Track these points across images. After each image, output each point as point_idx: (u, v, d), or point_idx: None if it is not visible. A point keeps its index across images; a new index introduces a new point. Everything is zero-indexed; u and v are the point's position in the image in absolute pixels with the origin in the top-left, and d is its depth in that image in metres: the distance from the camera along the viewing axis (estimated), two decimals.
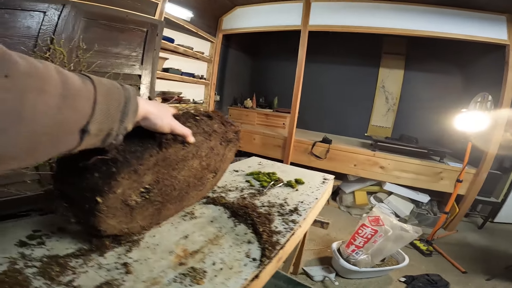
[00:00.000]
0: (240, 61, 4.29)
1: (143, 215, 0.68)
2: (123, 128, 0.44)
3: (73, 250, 0.61)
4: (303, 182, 1.24)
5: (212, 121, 0.70)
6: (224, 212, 0.88)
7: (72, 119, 0.35)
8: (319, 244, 2.22)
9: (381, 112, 3.70)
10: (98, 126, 0.39)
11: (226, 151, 0.83)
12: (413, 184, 2.75)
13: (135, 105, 0.45)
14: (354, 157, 2.94)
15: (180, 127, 0.57)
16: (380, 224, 1.73)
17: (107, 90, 0.40)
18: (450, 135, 2.70)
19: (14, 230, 0.65)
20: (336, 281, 1.75)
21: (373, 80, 3.70)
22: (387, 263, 1.89)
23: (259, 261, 0.64)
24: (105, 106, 0.39)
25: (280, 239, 0.73)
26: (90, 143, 0.40)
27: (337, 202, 3.07)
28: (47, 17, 1.34)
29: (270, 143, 3.33)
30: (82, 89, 0.36)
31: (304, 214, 0.90)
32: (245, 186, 1.14)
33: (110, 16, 1.64)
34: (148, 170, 0.55)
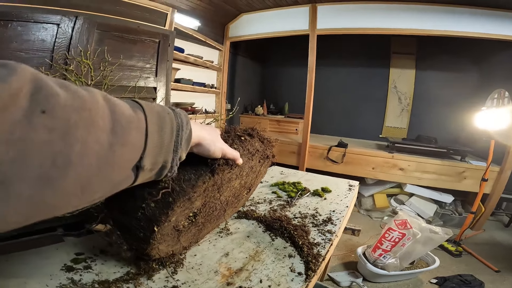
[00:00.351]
0: (248, 68, 4.29)
1: (187, 236, 0.69)
2: (178, 159, 0.40)
3: (121, 274, 0.61)
4: (330, 190, 1.23)
5: (253, 140, 0.70)
6: (258, 226, 0.88)
7: (125, 156, 0.30)
8: (342, 249, 2.19)
9: (395, 113, 3.63)
10: (152, 160, 0.34)
11: (262, 167, 0.84)
12: (435, 184, 2.69)
13: (188, 132, 0.41)
14: (372, 160, 2.90)
15: (231, 151, 0.55)
16: (407, 227, 1.70)
17: (159, 118, 0.35)
18: (470, 134, 2.65)
19: (58, 254, 0.66)
20: (364, 286, 1.72)
21: (384, 81, 3.65)
22: (416, 266, 1.85)
23: (305, 275, 0.64)
24: (158, 136, 0.34)
25: (321, 250, 0.73)
26: (145, 178, 0.36)
27: (356, 206, 3.03)
28: (61, 30, 1.31)
29: (285, 150, 3.31)
30: (133, 119, 0.31)
31: (338, 223, 0.89)
32: (273, 197, 1.14)
33: (122, 27, 1.63)
34: (199, 196, 0.56)
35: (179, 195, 0.50)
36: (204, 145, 0.48)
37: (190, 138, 0.42)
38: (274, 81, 4.52)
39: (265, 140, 0.75)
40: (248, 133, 0.70)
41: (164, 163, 0.37)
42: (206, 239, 0.81)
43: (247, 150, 0.64)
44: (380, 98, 3.69)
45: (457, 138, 3.11)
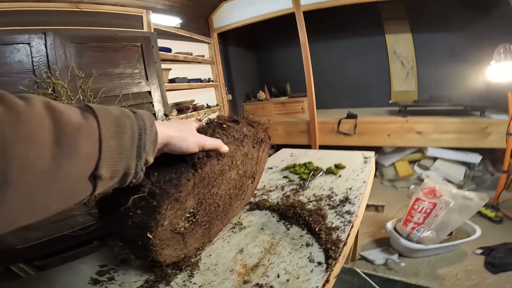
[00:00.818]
0: (242, 57, 4.21)
1: (195, 237, 0.65)
2: (142, 164, 0.37)
3: (141, 282, 0.61)
4: (344, 166, 1.16)
5: (240, 126, 0.65)
6: (272, 216, 0.84)
7: (74, 168, 0.28)
8: (370, 225, 2.08)
9: (401, 77, 3.48)
10: (111, 168, 0.32)
11: (260, 152, 0.79)
12: (458, 144, 2.52)
13: (153, 134, 0.38)
14: (386, 127, 2.76)
15: (210, 141, 0.52)
16: (437, 195, 1.56)
17: (116, 123, 0.33)
18: (484, 88, 2.51)
19: (83, 268, 0.69)
20: (401, 262, 1.62)
21: (382, 47, 3.50)
22: (456, 237, 1.70)
23: (325, 264, 0.59)
24: (115, 142, 0.32)
25: (340, 235, 0.67)
26: (106, 186, 0.34)
27: (378, 177, 2.92)
28: (33, 48, 1.29)
29: (294, 130, 3.24)
30: (82, 127, 0.29)
31: (357, 202, 0.83)
32: (285, 182, 1.09)
33: (98, 37, 1.60)
34: (188, 195, 0.52)
35: (163, 198, 0.47)
36: (174, 143, 0.45)
37: (157, 140, 0.39)
38: (271, 64, 4.42)
39: (254, 123, 0.69)
40: (232, 119, 0.64)
41: (126, 170, 0.35)
42: (220, 237, 0.78)
43: (232, 137, 0.59)
44: (382, 65, 3.53)
45: (471, 94, 2.92)
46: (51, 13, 1.52)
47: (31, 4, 1.42)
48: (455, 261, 1.62)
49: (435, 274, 1.53)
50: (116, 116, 0.34)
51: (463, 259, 1.63)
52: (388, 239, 1.82)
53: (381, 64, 3.53)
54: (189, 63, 3.00)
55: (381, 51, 3.51)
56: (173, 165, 0.50)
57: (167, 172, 0.49)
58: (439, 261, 1.63)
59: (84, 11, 1.66)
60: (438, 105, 2.71)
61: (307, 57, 2.83)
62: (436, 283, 1.46)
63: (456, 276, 1.50)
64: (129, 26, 1.94)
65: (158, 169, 0.49)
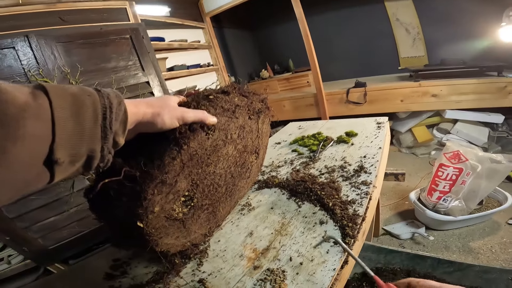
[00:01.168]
0: (239, 38, 4.07)
1: (198, 223, 0.61)
2: (110, 145, 0.33)
3: (152, 274, 0.60)
4: (356, 134, 1.07)
5: (230, 96, 0.58)
6: (282, 193, 0.78)
7: (23, 152, 0.25)
8: (391, 197, 1.93)
9: (408, 43, 3.31)
10: (70, 151, 0.29)
11: (260, 124, 0.71)
12: (478, 105, 2.35)
13: (121, 114, 0.34)
14: (398, 92, 2.60)
15: (192, 113, 0.46)
16: (462, 159, 1.41)
17: (73, 102, 0.29)
18: (497, 49, 2.39)
19: (98, 263, 0.70)
20: (430, 236, 1.48)
21: (383, 16, 3.31)
22: (486, 206, 1.55)
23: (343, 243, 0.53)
24: (73, 123, 0.29)
25: (357, 209, 0.61)
26: (68, 173, 0.31)
27: (396, 145, 2.78)
28: (19, 52, 1.30)
29: (302, 105, 3.13)
30: (29, 107, 0.25)
31: (373, 171, 0.75)
32: (294, 156, 1.02)
33: (84, 34, 1.57)
34: (177, 176, 0.46)
35: (146, 181, 0.41)
36: (149, 121, 0.40)
37: (126, 119, 0.35)
38: (270, 42, 4.26)
39: (248, 93, 0.61)
40: (221, 91, 0.56)
41: (90, 153, 0.31)
42: (229, 220, 0.74)
43: (221, 108, 0.51)
44: (386, 33, 3.34)
45: (485, 55, 2.72)
46: (31, 15, 1.48)
47: (9, 9, 1.40)
48: (488, 233, 1.48)
49: (467, 248, 1.41)
50: (74, 94, 0.30)
51: (497, 231, 1.48)
52: (413, 211, 1.70)
53: (384, 32, 3.37)
54: (185, 50, 2.94)
55: (382, 20, 3.34)
56: (154, 145, 0.44)
57: (149, 153, 0.43)
58: (471, 233, 1.49)
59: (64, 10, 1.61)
60: (452, 67, 2.53)
61: (305, 31, 2.69)
62: (470, 257, 1.35)
63: (491, 249, 1.38)
64: (115, 19, 1.88)
65: (138, 151, 0.43)
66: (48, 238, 1.40)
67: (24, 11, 1.46)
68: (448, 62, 2.68)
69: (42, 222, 1.36)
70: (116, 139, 0.34)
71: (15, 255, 1.43)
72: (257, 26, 4.29)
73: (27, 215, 1.30)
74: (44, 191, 1.31)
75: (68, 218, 1.43)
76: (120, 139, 0.35)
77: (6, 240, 1.29)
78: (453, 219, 1.47)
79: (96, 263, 0.71)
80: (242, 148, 0.64)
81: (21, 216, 1.29)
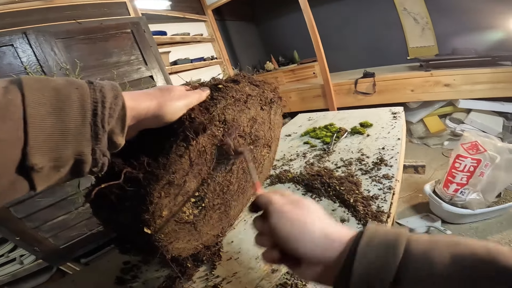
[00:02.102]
0: (242, 30, 3.99)
1: (210, 224, 0.57)
2: (104, 147, 0.28)
3: (163, 278, 0.58)
4: (371, 124, 1.02)
5: (240, 85, 0.53)
6: (296, 189, 0.73)
7: None
8: (405, 189, 1.85)
9: (416, 33, 3.20)
10: (49, 155, 0.24)
11: (272, 115, 0.66)
12: (493, 95, 2.28)
13: (118, 109, 0.29)
14: (408, 82, 2.53)
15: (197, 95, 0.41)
16: (480, 150, 1.34)
17: (55, 95, 0.25)
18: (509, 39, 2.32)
19: (108, 266, 0.69)
20: (447, 230, 1.44)
21: (390, 6, 3.20)
22: (504, 199, 1.47)
23: None
24: (53, 121, 0.24)
25: (381, 205, 0.56)
26: (54, 179, 0.26)
27: (407, 136, 2.70)
28: (18, 49, 1.27)
29: (309, 96, 3.07)
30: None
31: (395, 163, 0.70)
32: (306, 149, 0.97)
33: (84, 29, 1.54)
34: (186, 175, 0.42)
35: (151, 183, 0.36)
36: (154, 115, 0.34)
37: (125, 115, 0.30)
38: (274, 34, 4.17)
39: (259, 82, 0.56)
40: (231, 80, 0.51)
41: (77, 156, 0.26)
42: (241, 219, 0.70)
43: (232, 97, 0.46)
44: (393, 22, 3.24)
45: (496, 45, 2.62)
46: (29, 12, 1.46)
47: (6, 6, 1.40)
48: (506, 226, 1.42)
49: None
50: (56, 87, 0.25)
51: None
52: (427, 204, 1.64)
53: (391, 22, 3.27)
54: (188, 44, 2.90)
55: (389, 9, 3.24)
56: (159, 141, 0.39)
57: (152, 151, 0.38)
58: (488, 227, 1.44)
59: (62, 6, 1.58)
60: (464, 57, 2.44)
61: (311, 22, 2.61)
62: None
63: (509, 243, 1.33)
64: (114, 14, 1.85)
65: (141, 148, 0.38)
66: (59, 237, 1.40)
67: (22, 8, 1.44)
68: (460, 52, 2.59)
69: (52, 222, 1.36)
70: (113, 139, 0.29)
71: (27, 255, 1.43)
72: (260, 18, 4.20)
73: (35, 215, 1.30)
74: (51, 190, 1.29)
75: (78, 216, 1.42)
76: (119, 139, 0.30)
77: (16, 240, 1.28)
78: (470, 212, 1.41)
79: (106, 266, 0.69)
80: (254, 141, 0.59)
81: (30, 216, 1.28)
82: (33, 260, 1.42)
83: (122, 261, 0.68)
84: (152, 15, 2.36)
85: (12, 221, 1.23)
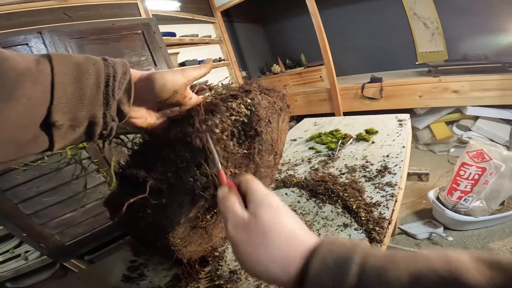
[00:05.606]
0: (250, 32, 4.01)
1: (219, 227, 0.59)
2: (114, 113, 0.33)
3: (169, 277, 0.59)
4: (377, 131, 1.03)
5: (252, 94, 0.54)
6: (301, 194, 0.75)
7: (16, 112, 0.26)
8: (409, 195, 1.86)
9: (426, 38, 3.16)
10: (69, 114, 0.29)
11: (280, 123, 0.68)
12: (501, 102, 2.25)
13: (125, 83, 0.34)
14: (416, 88, 2.51)
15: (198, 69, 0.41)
16: (486, 158, 1.35)
17: (76, 69, 0.30)
18: None
19: (116, 264, 0.70)
20: (449, 236, 1.44)
21: (399, 10, 3.17)
22: (508, 207, 1.48)
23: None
24: (74, 88, 0.30)
25: (383, 212, 0.57)
26: (70, 138, 0.31)
27: (413, 142, 2.68)
28: (33, 48, 1.32)
29: (315, 99, 3.07)
30: (28, 72, 0.26)
31: (398, 171, 0.71)
32: (311, 154, 0.99)
33: (96, 29, 1.58)
34: None
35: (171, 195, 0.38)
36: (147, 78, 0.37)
37: (131, 88, 0.35)
38: (282, 36, 4.17)
39: (269, 91, 0.58)
40: (244, 90, 0.52)
41: (91, 119, 0.31)
42: None
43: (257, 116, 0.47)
44: (402, 27, 3.21)
45: (507, 51, 2.57)
46: (43, 11, 1.49)
47: (21, 5, 1.42)
48: (508, 234, 1.43)
49: (487, 249, 1.37)
50: (78, 62, 0.31)
51: None
52: (430, 211, 1.65)
53: (401, 26, 3.24)
54: (196, 45, 2.93)
55: (399, 13, 3.22)
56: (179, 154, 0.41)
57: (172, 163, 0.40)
58: (490, 234, 1.44)
59: (76, 6, 1.61)
60: (474, 63, 2.41)
61: (319, 25, 2.61)
62: None
63: (510, 250, 1.34)
64: (126, 15, 1.88)
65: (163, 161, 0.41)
66: (64, 234, 1.43)
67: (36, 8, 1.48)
68: (470, 58, 2.56)
69: (59, 219, 1.39)
70: (121, 107, 0.34)
71: (32, 251, 1.46)
72: (268, 20, 4.21)
73: (43, 211, 1.33)
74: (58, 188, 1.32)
75: (84, 214, 1.45)
76: (126, 108, 0.35)
77: (23, 236, 1.32)
78: (473, 219, 1.42)
79: (113, 264, 0.70)
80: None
81: (38, 212, 1.31)
82: (37, 256, 1.45)
83: (128, 259, 0.69)
84: (162, 16, 2.39)
85: (20, 217, 1.26)
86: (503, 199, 1.44)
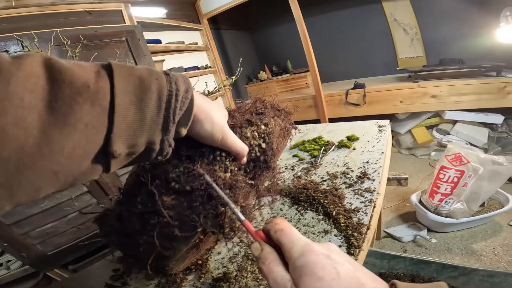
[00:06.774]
0: (237, 39, 4.05)
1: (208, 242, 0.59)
2: (171, 138, 0.29)
3: (153, 286, 0.59)
4: (358, 138, 1.06)
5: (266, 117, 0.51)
6: (283, 202, 0.76)
7: (70, 143, 0.21)
8: (392, 199, 1.92)
9: (406, 44, 3.29)
10: (128, 142, 0.25)
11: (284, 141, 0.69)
12: (478, 106, 2.36)
13: (187, 102, 0.29)
14: (397, 93, 2.60)
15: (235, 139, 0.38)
16: (464, 162, 1.40)
17: (139, 85, 0.25)
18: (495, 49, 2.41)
19: (99, 272, 0.69)
20: (432, 238, 1.48)
21: (381, 16, 3.30)
22: (488, 208, 1.53)
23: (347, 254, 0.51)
24: (135, 110, 0.25)
25: (362, 218, 0.59)
26: (124, 163, 0.27)
27: (395, 146, 2.77)
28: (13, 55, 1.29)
29: (301, 106, 3.12)
30: (85, 90, 0.22)
31: (377, 177, 0.74)
32: (294, 162, 1.00)
33: (78, 36, 1.55)
34: None
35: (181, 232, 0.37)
36: (203, 119, 0.33)
37: (192, 108, 0.30)
38: (268, 43, 4.23)
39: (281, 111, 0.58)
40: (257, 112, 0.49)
41: (149, 144, 0.27)
42: None
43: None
44: (383, 33, 3.33)
45: (484, 56, 2.71)
46: (25, 18, 1.46)
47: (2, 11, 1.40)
48: (490, 234, 1.48)
49: (470, 250, 1.41)
50: (140, 76, 0.26)
51: (499, 232, 1.48)
52: (414, 213, 1.69)
53: (382, 32, 3.36)
54: (182, 52, 2.91)
55: (380, 20, 3.33)
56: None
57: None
58: (473, 235, 1.49)
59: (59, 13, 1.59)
60: (451, 68, 2.53)
61: (304, 32, 2.67)
62: (472, 259, 1.35)
63: (493, 251, 1.37)
64: (110, 22, 1.86)
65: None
66: (47, 244, 1.38)
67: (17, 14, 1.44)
68: (446, 63, 2.68)
69: (41, 228, 1.34)
70: (178, 129, 0.30)
71: (14, 261, 1.42)
72: (255, 27, 4.27)
73: (25, 221, 1.28)
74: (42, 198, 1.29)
75: (67, 224, 1.41)
76: (183, 130, 0.31)
77: (4, 246, 1.27)
78: (455, 221, 1.46)
79: (96, 273, 0.70)
80: None
81: (19, 222, 1.27)
82: (20, 266, 1.41)
83: (111, 269, 0.68)
84: (147, 23, 2.37)
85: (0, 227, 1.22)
86: (483, 201, 1.49)
